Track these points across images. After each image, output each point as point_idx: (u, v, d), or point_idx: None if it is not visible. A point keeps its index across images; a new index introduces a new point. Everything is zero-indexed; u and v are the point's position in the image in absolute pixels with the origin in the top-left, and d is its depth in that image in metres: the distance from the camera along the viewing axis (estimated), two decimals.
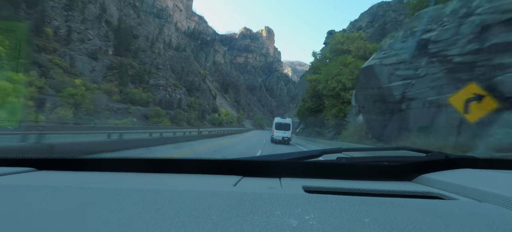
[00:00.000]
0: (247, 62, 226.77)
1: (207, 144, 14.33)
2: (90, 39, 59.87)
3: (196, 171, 1.14)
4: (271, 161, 1.17)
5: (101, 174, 1.03)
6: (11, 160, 1.10)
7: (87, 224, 0.44)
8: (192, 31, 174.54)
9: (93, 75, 54.22)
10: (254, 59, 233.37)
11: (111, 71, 60.03)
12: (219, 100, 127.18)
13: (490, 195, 0.72)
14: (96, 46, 60.45)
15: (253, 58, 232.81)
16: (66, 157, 1.12)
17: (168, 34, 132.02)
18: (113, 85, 53.69)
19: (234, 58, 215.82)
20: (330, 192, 0.84)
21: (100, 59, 59.06)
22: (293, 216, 0.51)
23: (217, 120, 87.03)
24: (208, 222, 0.46)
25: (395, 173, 1.14)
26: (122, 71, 61.09)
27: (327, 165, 1.13)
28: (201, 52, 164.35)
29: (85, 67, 52.66)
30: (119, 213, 0.50)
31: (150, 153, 8.78)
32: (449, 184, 0.89)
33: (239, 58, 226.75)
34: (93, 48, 58.74)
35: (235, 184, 0.91)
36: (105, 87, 46.91)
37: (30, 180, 0.89)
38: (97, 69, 56.80)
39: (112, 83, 55.35)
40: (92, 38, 60.71)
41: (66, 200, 0.59)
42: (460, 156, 1.21)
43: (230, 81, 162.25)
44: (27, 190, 0.67)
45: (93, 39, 60.86)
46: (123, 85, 56.97)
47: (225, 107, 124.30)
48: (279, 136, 18.54)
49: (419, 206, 0.63)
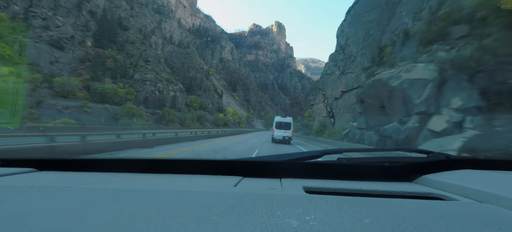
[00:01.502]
0: (258, 59, 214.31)
1: (185, 147, 11.31)
2: (58, 26, 48.96)
3: (197, 171, 1.13)
4: (271, 161, 1.17)
5: (101, 175, 1.04)
6: (11, 160, 1.10)
7: (88, 225, 0.45)
8: (197, 28, 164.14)
9: (55, 67, 42.92)
10: (265, 56, 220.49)
11: (84, 63, 48.72)
12: (227, 99, 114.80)
13: (492, 196, 0.71)
14: (66, 34, 49.44)
15: (264, 55, 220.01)
16: (67, 158, 1.12)
17: (170, 30, 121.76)
18: (82, 80, 42.05)
19: (243, 56, 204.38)
20: (330, 193, 0.83)
21: (69, 50, 47.89)
22: (293, 217, 0.51)
23: (222, 121, 74.11)
24: (208, 223, 0.46)
25: (396, 174, 1.12)
26: (98, 63, 49.62)
27: (327, 165, 1.13)
28: (207, 49, 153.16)
29: (42, 57, 41.45)
30: (120, 213, 0.51)
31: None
32: (450, 185, 0.88)
33: (249, 55, 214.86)
34: (61, 36, 47.65)
35: (236, 184, 0.91)
36: (60, 81, 35.07)
37: (31, 181, 0.89)
38: (62, 60, 45.56)
39: (82, 77, 43.83)
40: (61, 25, 49.79)
41: (67, 201, 0.60)
42: (461, 156, 1.24)
43: (239, 78, 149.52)
44: (28, 190, 0.67)
45: (63, 26, 49.93)
46: (98, 80, 45.33)
47: (233, 106, 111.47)
48: (279, 135, 18.13)
49: (420, 207, 0.63)
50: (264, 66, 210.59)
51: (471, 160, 1.20)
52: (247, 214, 0.52)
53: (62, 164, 1.13)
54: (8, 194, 0.64)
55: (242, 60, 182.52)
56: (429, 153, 1.25)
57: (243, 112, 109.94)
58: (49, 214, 0.50)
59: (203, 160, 1.18)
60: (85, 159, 1.13)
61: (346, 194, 0.78)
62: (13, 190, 0.68)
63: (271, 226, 0.46)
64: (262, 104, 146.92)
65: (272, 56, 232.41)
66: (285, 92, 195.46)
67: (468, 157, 1.19)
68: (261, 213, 0.52)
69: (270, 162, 1.17)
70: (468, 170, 1.11)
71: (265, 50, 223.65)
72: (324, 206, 0.59)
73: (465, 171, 1.10)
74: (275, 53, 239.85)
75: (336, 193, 0.84)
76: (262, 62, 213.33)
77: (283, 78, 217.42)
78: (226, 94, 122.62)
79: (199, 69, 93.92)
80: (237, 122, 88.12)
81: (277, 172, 1.11)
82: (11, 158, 1.10)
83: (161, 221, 0.46)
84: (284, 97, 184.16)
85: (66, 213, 0.51)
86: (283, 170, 1.12)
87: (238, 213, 0.52)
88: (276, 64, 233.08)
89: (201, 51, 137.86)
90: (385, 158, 1.18)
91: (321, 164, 1.13)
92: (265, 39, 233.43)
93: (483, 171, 1.06)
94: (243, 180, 1.00)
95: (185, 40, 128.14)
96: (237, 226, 0.45)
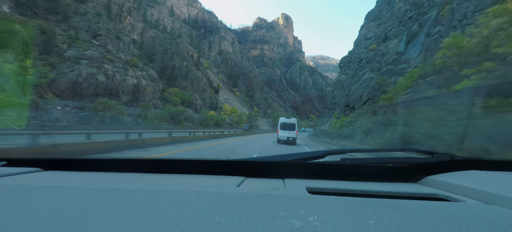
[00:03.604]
0: (263, 54, 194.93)
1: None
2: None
3: (200, 171, 1.14)
4: (274, 162, 1.17)
5: (106, 175, 1.04)
6: (18, 160, 1.11)
7: (92, 224, 0.45)
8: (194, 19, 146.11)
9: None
10: (271, 51, 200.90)
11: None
12: (225, 95, 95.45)
13: (498, 197, 0.70)
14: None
15: (270, 50, 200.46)
16: (72, 158, 1.13)
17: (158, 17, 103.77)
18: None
19: (248, 51, 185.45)
20: (334, 194, 0.82)
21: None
22: (296, 217, 0.51)
23: (213, 120, 54.61)
24: (212, 223, 0.46)
25: (400, 175, 1.11)
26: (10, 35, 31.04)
27: (331, 166, 1.12)
28: (204, 41, 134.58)
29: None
30: (124, 213, 0.51)
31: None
32: (455, 185, 0.87)
33: (254, 51, 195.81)
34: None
35: (239, 185, 0.91)
36: None
37: (37, 180, 0.90)
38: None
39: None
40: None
41: (72, 200, 0.60)
42: (466, 157, 1.19)
43: (241, 72, 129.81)
44: (33, 190, 0.68)
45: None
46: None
47: (233, 103, 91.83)
48: (284, 136, 18.25)
49: (424, 208, 0.62)
50: (271, 61, 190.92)
51: (476, 160, 1.17)
52: (250, 214, 0.52)
53: (67, 164, 1.14)
54: (14, 194, 0.64)
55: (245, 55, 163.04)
56: (433, 154, 1.23)
57: (245, 110, 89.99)
58: (54, 213, 0.50)
59: (206, 160, 1.17)
60: (90, 159, 1.13)
61: (350, 195, 0.76)
62: (19, 190, 0.68)
63: (274, 226, 0.46)
64: (269, 101, 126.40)
65: (279, 50, 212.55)
66: (295, 88, 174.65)
67: (473, 157, 1.19)
68: (264, 214, 0.52)
69: (273, 162, 1.16)
70: (474, 171, 1.08)
71: (271, 44, 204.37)
72: (328, 206, 0.58)
73: (471, 172, 1.07)
74: (282, 47, 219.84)
75: (339, 193, 0.82)
76: (268, 57, 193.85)
77: (292, 74, 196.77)
78: (224, 90, 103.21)
79: (187, 56, 74.79)
80: (236, 122, 68.44)
81: (280, 173, 1.11)
82: (16, 158, 1.10)
83: (165, 220, 0.46)
84: (293, 94, 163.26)
85: (71, 212, 0.51)
86: (286, 171, 1.11)
87: (241, 213, 0.52)
88: (283, 59, 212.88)
89: (197, 43, 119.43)
90: (389, 159, 1.18)
91: (324, 165, 1.12)
92: (271, 33, 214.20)
93: (489, 172, 1.03)
94: (246, 180, 0.99)
95: (179, 30, 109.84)
96: (240, 226, 0.45)
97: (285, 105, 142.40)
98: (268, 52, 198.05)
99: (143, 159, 1.15)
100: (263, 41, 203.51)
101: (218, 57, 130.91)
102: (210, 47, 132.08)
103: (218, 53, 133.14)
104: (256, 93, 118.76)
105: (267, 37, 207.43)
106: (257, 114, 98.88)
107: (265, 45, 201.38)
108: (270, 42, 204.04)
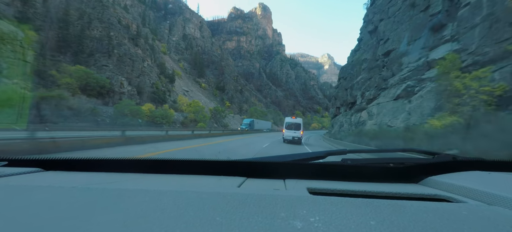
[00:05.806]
0: (240, 46, 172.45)
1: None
2: None
3: (201, 172, 1.13)
4: (275, 162, 1.16)
5: (106, 175, 1.04)
6: (18, 160, 1.11)
7: (92, 224, 0.45)
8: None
9: None
10: (249, 43, 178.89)
11: None
12: (185, 86, 71.76)
13: (500, 198, 0.69)
14: None
15: (248, 42, 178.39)
16: (72, 158, 1.13)
17: None
18: None
19: (223, 44, 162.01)
20: (335, 194, 0.82)
21: None
22: (297, 218, 0.50)
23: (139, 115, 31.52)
24: (212, 223, 0.46)
25: (401, 175, 1.10)
26: None
27: (332, 166, 1.11)
28: (164, 23, 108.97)
29: None
30: (124, 213, 0.51)
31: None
32: (457, 186, 0.86)
33: (230, 42, 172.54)
34: None
35: (240, 185, 0.91)
36: None
37: (37, 181, 0.90)
38: None
39: None
40: None
41: (72, 200, 0.60)
42: (468, 158, 1.18)
43: (211, 61, 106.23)
44: (34, 190, 0.68)
45: None
46: None
47: (195, 96, 68.47)
48: (289, 136, 18.48)
49: (426, 209, 0.61)
50: (249, 54, 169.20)
51: (478, 161, 1.16)
52: (251, 215, 0.51)
53: (67, 164, 1.13)
54: (15, 194, 0.64)
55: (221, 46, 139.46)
56: (435, 154, 1.23)
57: (212, 104, 66.97)
58: (55, 214, 0.50)
59: (207, 160, 1.16)
60: (90, 159, 1.13)
61: (351, 196, 0.76)
62: (20, 190, 0.68)
63: (275, 227, 0.45)
64: (245, 94, 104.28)
65: (257, 43, 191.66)
66: (276, 83, 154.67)
67: (475, 158, 1.18)
68: (265, 214, 0.52)
69: (274, 163, 1.15)
70: (475, 171, 1.07)
71: (249, 36, 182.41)
72: (329, 207, 0.58)
73: (473, 172, 1.06)
74: (261, 39, 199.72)
75: (340, 194, 0.82)
76: (245, 49, 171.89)
77: (272, 67, 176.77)
78: (185, 80, 79.26)
79: (116, 24, 50.19)
80: (193, 120, 45.69)
81: (281, 173, 1.10)
82: (17, 158, 1.10)
83: (166, 221, 0.46)
84: (274, 89, 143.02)
85: (72, 213, 0.51)
86: (287, 171, 1.10)
87: (242, 214, 0.52)
88: (262, 52, 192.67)
89: (156, 26, 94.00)
90: (390, 159, 1.18)
91: (325, 165, 1.11)
92: (248, 24, 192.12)
93: (491, 173, 1.02)
94: (247, 181, 0.99)
95: (123, 3, 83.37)
96: (241, 227, 0.45)
97: (265, 100, 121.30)
98: (245, 44, 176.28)
99: (143, 159, 1.14)
100: (239, 33, 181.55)
101: (182, 43, 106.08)
102: (170, 30, 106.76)
103: (181, 37, 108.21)
104: (228, 85, 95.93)
105: (244, 28, 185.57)
106: (230, 111, 76.23)
107: (242, 37, 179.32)
108: (247, 34, 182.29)
